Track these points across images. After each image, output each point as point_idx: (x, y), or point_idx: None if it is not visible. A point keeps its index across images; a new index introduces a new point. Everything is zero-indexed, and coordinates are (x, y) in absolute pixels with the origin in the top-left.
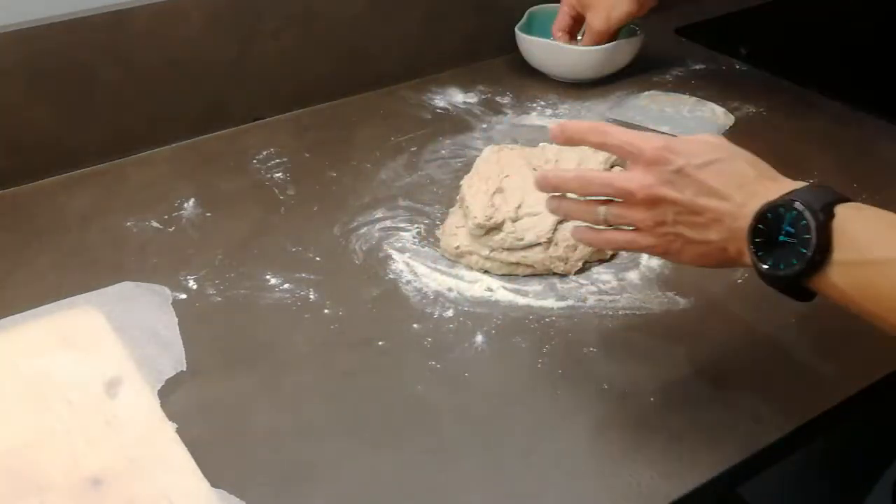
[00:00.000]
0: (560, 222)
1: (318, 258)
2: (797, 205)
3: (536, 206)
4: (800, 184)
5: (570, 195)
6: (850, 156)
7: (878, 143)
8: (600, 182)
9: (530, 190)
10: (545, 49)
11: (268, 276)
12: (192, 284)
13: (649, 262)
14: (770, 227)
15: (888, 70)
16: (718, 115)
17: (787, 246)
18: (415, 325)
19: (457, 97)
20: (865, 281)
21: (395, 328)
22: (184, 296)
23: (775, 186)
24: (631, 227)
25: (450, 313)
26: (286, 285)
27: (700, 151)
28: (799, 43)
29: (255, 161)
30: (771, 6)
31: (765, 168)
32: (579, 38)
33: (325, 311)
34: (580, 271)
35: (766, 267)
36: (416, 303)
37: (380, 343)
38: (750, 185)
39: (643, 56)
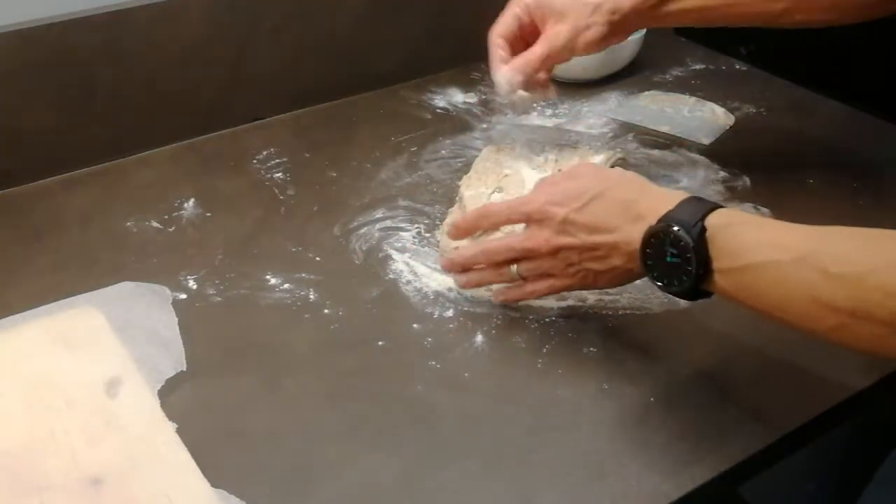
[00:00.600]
0: None
1: (318, 258)
2: (674, 228)
3: None
4: (674, 197)
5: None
6: (850, 156)
7: (878, 143)
8: (505, 249)
9: (529, 190)
10: None
11: (268, 276)
12: (192, 284)
13: None
14: (656, 250)
15: (888, 70)
16: (718, 115)
17: (675, 265)
18: (415, 325)
19: (457, 97)
20: (745, 283)
21: (395, 328)
22: (184, 296)
23: (653, 206)
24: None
25: (450, 313)
26: (286, 285)
27: (576, 194)
28: (799, 43)
29: (255, 161)
30: None
31: (641, 187)
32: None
33: (325, 311)
34: None
35: (661, 284)
36: (416, 303)
37: (380, 343)
38: (630, 211)
39: (643, 56)
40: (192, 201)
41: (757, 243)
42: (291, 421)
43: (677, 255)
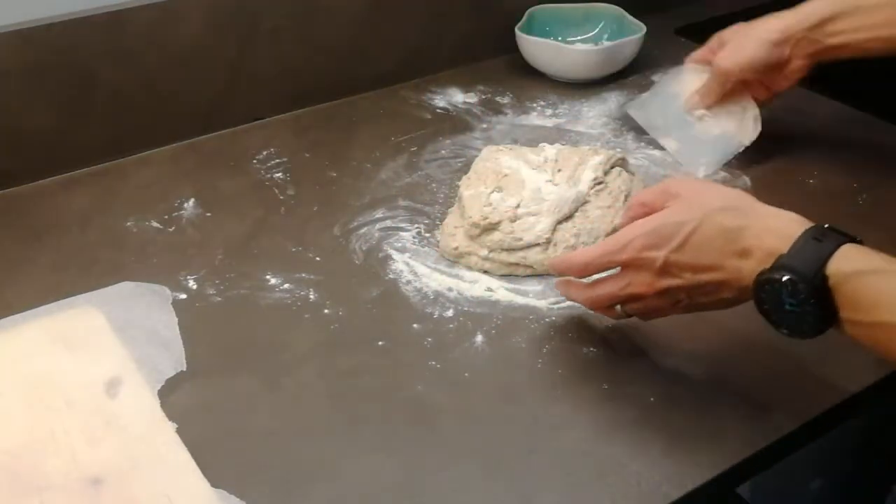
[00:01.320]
0: (559, 222)
1: (318, 258)
2: (787, 279)
3: (535, 207)
4: (783, 226)
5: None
6: (850, 156)
7: (878, 143)
8: (608, 298)
9: (529, 190)
10: (545, 49)
11: (268, 276)
12: (192, 284)
13: None
14: (772, 297)
15: (888, 70)
16: (747, 128)
17: (796, 314)
18: (415, 325)
19: (457, 97)
20: (877, 339)
21: (395, 328)
22: (184, 296)
23: (761, 237)
24: None
25: (450, 313)
26: (286, 285)
27: (672, 231)
28: None
29: (255, 161)
30: (771, 6)
31: (743, 211)
32: None
33: (325, 311)
34: None
35: (785, 332)
36: (416, 303)
37: (380, 343)
38: (735, 243)
39: (643, 56)
40: (192, 201)
41: (891, 301)
42: (291, 421)
43: (797, 305)
